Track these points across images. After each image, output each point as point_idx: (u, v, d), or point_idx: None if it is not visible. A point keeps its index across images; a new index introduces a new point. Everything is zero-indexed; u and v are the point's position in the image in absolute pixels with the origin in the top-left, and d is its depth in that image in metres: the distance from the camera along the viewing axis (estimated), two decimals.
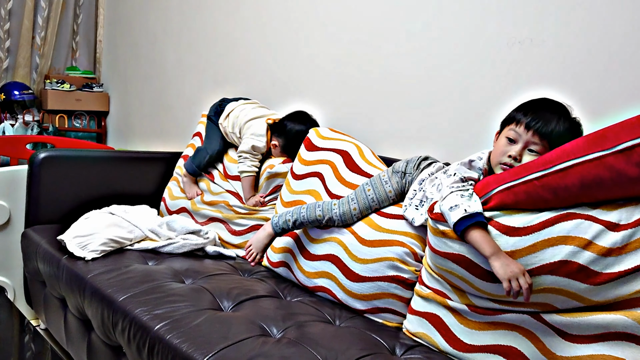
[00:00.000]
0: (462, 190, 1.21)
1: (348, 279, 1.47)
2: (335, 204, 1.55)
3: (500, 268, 1.09)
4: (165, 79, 3.15)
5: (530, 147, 1.23)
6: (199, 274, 1.60)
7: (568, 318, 1.09)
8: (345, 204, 1.53)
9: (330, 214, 1.54)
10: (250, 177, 1.97)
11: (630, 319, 1.02)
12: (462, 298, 1.24)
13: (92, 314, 1.50)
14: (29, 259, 1.93)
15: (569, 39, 1.45)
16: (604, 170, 1.05)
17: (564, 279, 1.08)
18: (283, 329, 1.27)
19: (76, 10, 3.85)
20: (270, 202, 1.93)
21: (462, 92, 1.70)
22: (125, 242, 1.79)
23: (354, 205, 1.53)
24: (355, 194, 1.55)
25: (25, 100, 3.46)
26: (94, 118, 3.76)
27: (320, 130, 1.84)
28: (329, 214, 1.54)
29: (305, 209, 1.58)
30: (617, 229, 1.06)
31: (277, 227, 1.61)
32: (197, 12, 2.89)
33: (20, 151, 2.82)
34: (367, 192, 1.53)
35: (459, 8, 1.70)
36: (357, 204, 1.52)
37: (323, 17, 2.17)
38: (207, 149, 2.16)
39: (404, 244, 1.41)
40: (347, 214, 1.52)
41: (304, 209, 1.58)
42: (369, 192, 1.52)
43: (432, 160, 1.52)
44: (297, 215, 1.58)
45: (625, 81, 1.34)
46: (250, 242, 1.66)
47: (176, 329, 1.23)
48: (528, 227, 1.13)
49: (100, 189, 2.17)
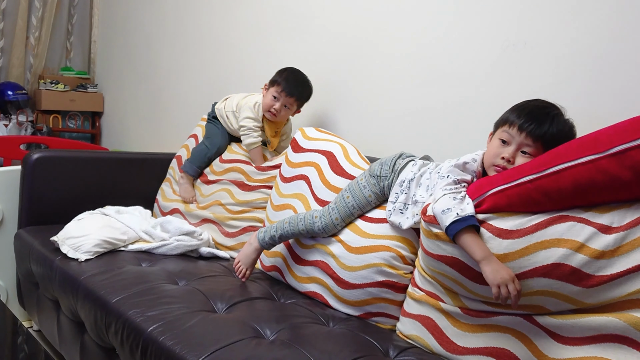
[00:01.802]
0: (455, 192, 1.21)
1: (338, 286, 1.46)
2: (316, 216, 1.53)
3: (490, 273, 1.09)
4: (160, 80, 3.14)
5: (523, 149, 1.23)
6: (192, 276, 1.60)
7: (560, 320, 1.09)
8: (326, 215, 1.51)
9: (313, 227, 1.52)
10: (258, 148, 2.03)
11: (622, 321, 1.02)
12: (454, 300, 1.25)
13: (85, 316, 1.49)
14: (22, 260, 1.92)
15: (562, 42, 1.45)
16: (596, 174, 1.06)
17: (557, 281, 1.08)
18: (276, 331, 1.27)
19: (70, 10, 3.83)
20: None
21: (456, 94, 1.70)
22: (119, 243, 1.79)
23: (335, 215, 1.51)
24: (335, 203, 1.53)
25: (19, 101, 3.44)
26: (88, 119, 3.75)
27: (306, 130, 1.83)
28: (311, 228, 1.52)
29: (288, 223, 1.56)
30: (610, 231, 1.06)
31: (263, 242, 1.60)
32: (192, 13, 2.89)
33: (14, 152, 2.81)
34: (346, 200, 1.51)
35: (453, 11, 1.71)
36: (338, 214, 1.51)
37: (318, 19, 2.17)
38: (208, 147, 2.14)
39: (390, 248, 1.41)
40: (330, 225, 1.51)
41: (287, 224, 1.56)
42: (348, 200, 1.51)
43: (406, 156, 1.50)
44: (281, 231, 1.57)
45: (619, 84, 1.35)
46: (238, 258, 1.63)
47: (169, 330, 1.23)
48: (521, 230, 1.13)
49: (94, 190, 2.17)
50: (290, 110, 2.02)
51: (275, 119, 2.02)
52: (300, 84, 2.00)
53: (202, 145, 2.17)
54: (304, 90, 2.01)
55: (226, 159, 2.10)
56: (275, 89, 1.98)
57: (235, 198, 1.98)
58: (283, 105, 1.99)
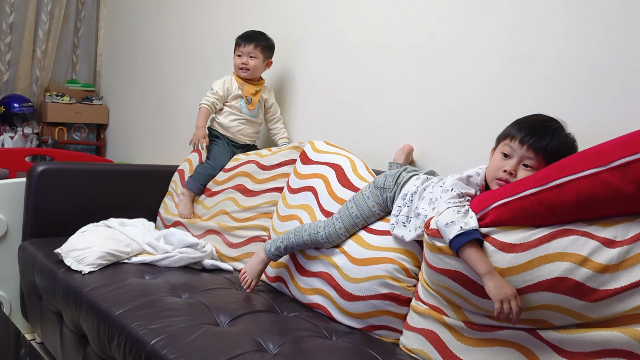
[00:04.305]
0: (459, 206, 1.22)
1: (342, 297, 1.46)
2: (320, 225, 1.54)
3: (494, 288, 1.09)
4: (165, 93, 3.16)
5: (525, 162, 1.23)
6: (195, 288, 1.60)
7: (564, 334, 1.09)
8: (330, 225, 1.52)
9: (317, 237, 1.53)
10: (202, 108, 2.16)
11: (626, 336, 1.01)
12: (458, 314, 1.24)
13: (88, 328, 1.49)
14: (25, 272, 1.92)
15: (565, 56, 1.46)
16: (599, 187, 1.06)
17: (561, 295, 1.08)
18: (279, 344, 1.26)
19: (77, 23, 3.87)
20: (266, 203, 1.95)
21: (459, 108, 1.71)
22: (122, 255, 1.79)
23: (339, 225, 1.52)
24: (339, 213, 1.54)
25: (25, 113, 3.46)
26: (93, 131, 3.77)
27: (316, 143, 1.85)
28: (315, 238, 1.53)
29: (293, 234, 1.58)
30: (613, 245, 1.06)
31: (269, 253, 1.61)
32: (197, 26, 2.92)
33: (19, 164, 2.82)
34: (350, 210, 1.52)
35: (456, 24, 1.72)
36: (342, 223, 1.51)
37: (322, 35, 2.18)
38: (213, 165, 2.17)
39: (393, 261, 1.41)
40: (334, 235, 1.51)
41: (292, 235, 1.58)
42: (352, 210, 1.52)
43: (411, 170, 1.51)
44: (286, 241, 1.58)
45: (621, 98, 1.35)
46: (244, 269, 1.64)
47: (172, 344, 1.23)
48: (525, 244, 1.13)
49: (98, 202, 2.17)
50: (258, 59, 2.16)
51: (249, 72, 2.17)
52: (251, 32, 2.21)
53: (206, 164, 2.20)
54: (258, 35, 2.19)
55: (229, 168, 2.12)
56: (235, 49, 2.20)
57: (239, 205, 1.99)
58: (248, 56, 2.16)
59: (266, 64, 2.22)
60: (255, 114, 2.23)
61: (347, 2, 2.09)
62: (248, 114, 2.21)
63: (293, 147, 1.96)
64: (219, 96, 2.19)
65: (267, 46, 2.19)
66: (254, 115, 2.23)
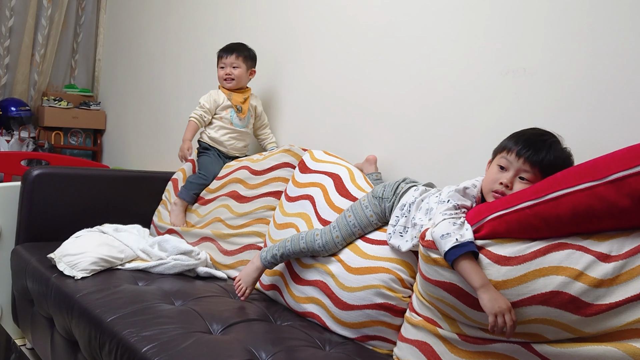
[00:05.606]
0: (455, 217, 1.21)
1: (336, 306, 1.46)
2: (317, 234, 1.54)
3: (488, 301, 1.09)
4: (163, 99, 3.16)
5: (521, 175, 1.24)
6: (189, 296, 1.59)
7: (558, 349, 1.08)
8: (327, 233, 1.52)
9: (314, 245, 1.53)
10: (191, 122, 2.20)
11: (620, 351, 1.01)
12: (452, 326, 1.23)
13: (79, 334, 1.48)
14: (17, 276, 1.91)
15: (561, 69, 1.47)
16: (595, 201, 1.06)
17: (555, 309, 1.07)
18: (272, 354, 1.25)
19: (76, 29, 3.88)
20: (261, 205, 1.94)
21: (455, 121, 1.71)
22: (116, 261, 1.78)
23: (336, 233, 1.51)
24: (337, 222, 1.54)
25: (22, 117, 3.46)
26: (90, 136, 3.76)
27: (314, 152, 1.85)
28: (312, 246, 1.53)
29: (290, 241, 1.57)
30: (609, 260, 1.06)
31: (265, 260, 1.60)
32: (195, 33, 2.92)
33: (15, 167, 2.81)
34: (348, 219, 1.52)
35: (454, 37, 1.73)
36: (339, 232, 1.51)
37: (320, 43, 2.19)
38: (205, 175, 2.17)
39: (389, 271, 1.41)
40: (330, 243, 1.51)
41: (289, 242, 1.57)
42: (349, 219, 1.52)
43: (410, 181, 1.52)
44: (282, 249, 1.57)
45: (619, 111, 1.36)
46: (239, 277, 1.63)
47: (164, 351, 1.21)
48: (520, 257, 1.12)
49: (93, 207, 2.17)
50: (241, 69, 2.20)
51: (234, 82, 2.21)
52: (232, 44, 2.25)
53: (198, 174, 2.20)
54: (239, 46, 2.23)
55: (222, 176, 2.13)
56: (218, 62, 2.24)
57: (234, 212, 1.98)
58: (231, 67, 2.20)
59: (250, 73, 2.26)
60: (246, 124, 2.25)
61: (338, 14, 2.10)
62: (239, 124, 2.22)
63: (284, 150, 1.97)
64: (206, 109, 2.20)
65: (248, 56, 2.23)
66: (245, 125, 2.24)
